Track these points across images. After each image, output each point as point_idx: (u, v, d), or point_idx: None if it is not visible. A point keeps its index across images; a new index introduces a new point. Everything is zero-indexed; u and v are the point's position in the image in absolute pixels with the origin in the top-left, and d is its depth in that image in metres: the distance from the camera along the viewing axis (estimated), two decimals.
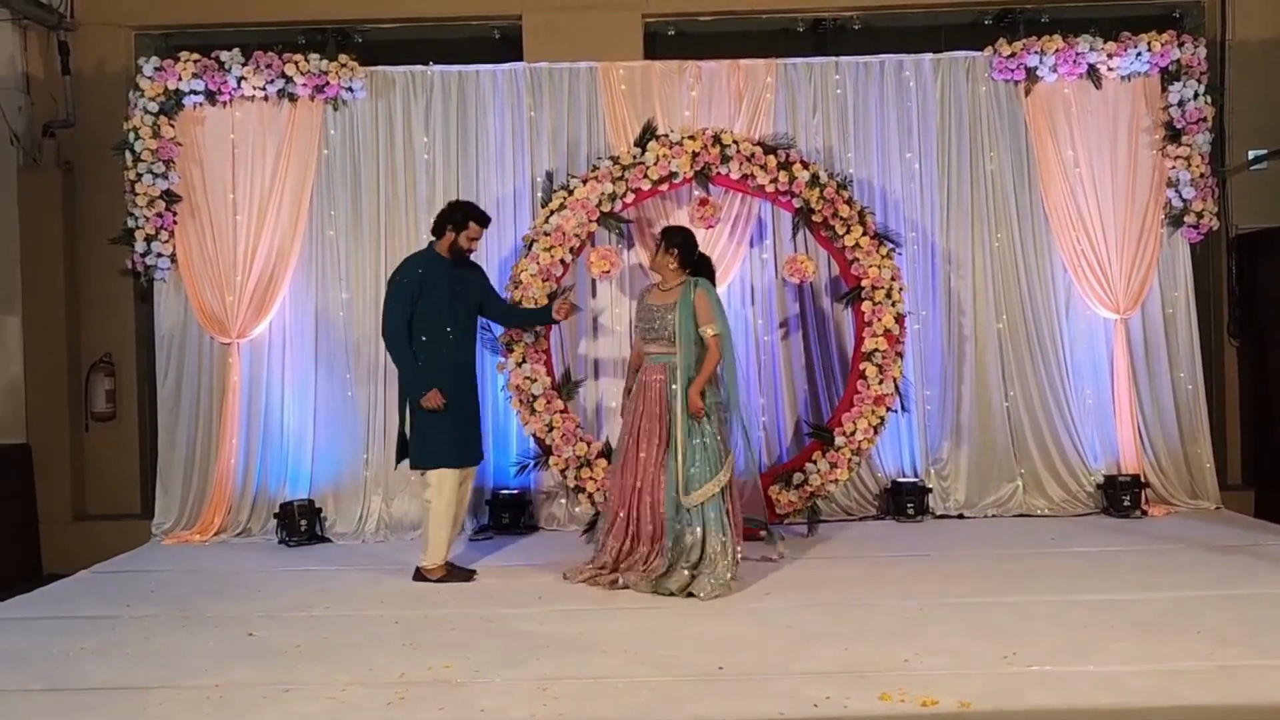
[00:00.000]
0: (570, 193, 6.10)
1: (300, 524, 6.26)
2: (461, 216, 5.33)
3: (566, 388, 6.23)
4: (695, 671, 3.78)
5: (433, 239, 5.41)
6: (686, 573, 4.86)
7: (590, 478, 5.95)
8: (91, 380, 6.82)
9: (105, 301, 6.87)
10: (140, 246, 6.48)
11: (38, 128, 6.86)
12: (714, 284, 5.30)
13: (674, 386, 5.01)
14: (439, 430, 5.19)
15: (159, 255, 6.49)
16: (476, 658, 3.98)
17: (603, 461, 5.97)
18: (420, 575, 5.24)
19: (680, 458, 4.92)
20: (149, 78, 6.45)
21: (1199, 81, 6.59)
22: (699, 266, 5.23)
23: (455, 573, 5.27)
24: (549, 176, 6.42)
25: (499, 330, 6.06)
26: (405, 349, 5.18)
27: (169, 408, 6.57)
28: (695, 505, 4.90)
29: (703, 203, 6.26)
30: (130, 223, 6.50)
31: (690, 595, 4.78)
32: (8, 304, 6.73)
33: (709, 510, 4.91)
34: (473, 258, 5.54)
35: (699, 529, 4.90)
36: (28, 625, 4.65)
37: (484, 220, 5.40)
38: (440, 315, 5.24)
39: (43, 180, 6.78)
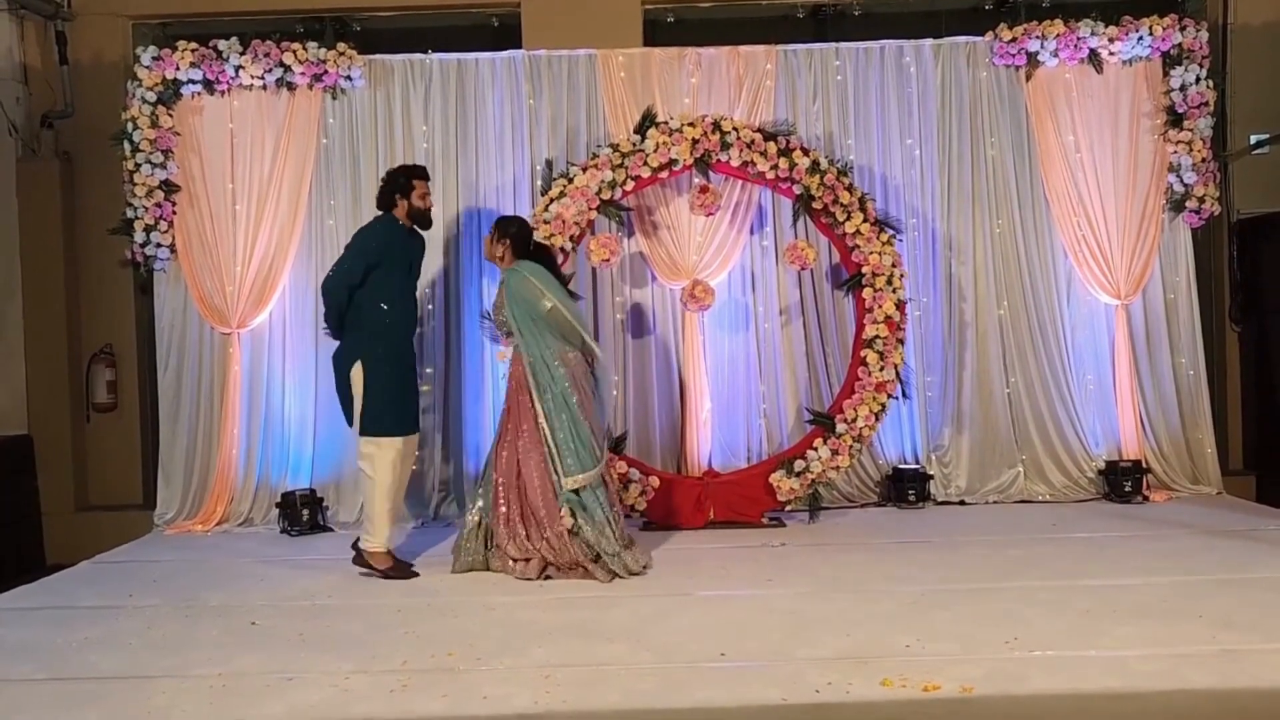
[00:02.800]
0: (570, 180, 6.08)
1: (302, 513, 6.26)
2: (404, 179, 5.27)
3: None
4: (697, 658, 3.78)
5: (382, 212, 5.31)
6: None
7: None
8: (92, 371, 6.82)
9: (105, 292, 6.87)
10: (139, 237, 6.47)
11: (36, 118, 6.85)
12: (557, 270, 5.27)
13: (532, 378, 4.99)
14: (383, 398, 5.11)
15: (158, 245, 6.48)
16: (479, 645, 3.99)
17: None
18: (361, 559, 5.12)
19: (553, 444, 4.96)
20: (147, 67, 6.43)
21: (1200, 66, 6.56)
22: (536, 257, 5.19)
23: (399, 568, 5.14)
24: (548, 164, 6.40)
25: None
26: (340, 308, 5.15)
27: (170, 398, 6.57)
28: (572, 490, 4.95)
29: (703, 190, 6.24)
30: (129, 213, 6.49)
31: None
32: (8, 295, 6.72)
33: (585, 497, 4.97)
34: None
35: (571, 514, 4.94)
36: (31, 615, 4.65)
37: (424, 173, 5.36)
38: (402, 283, 5.27)
39: (41, 171, 6.77)
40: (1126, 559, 5.06)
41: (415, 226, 5.34)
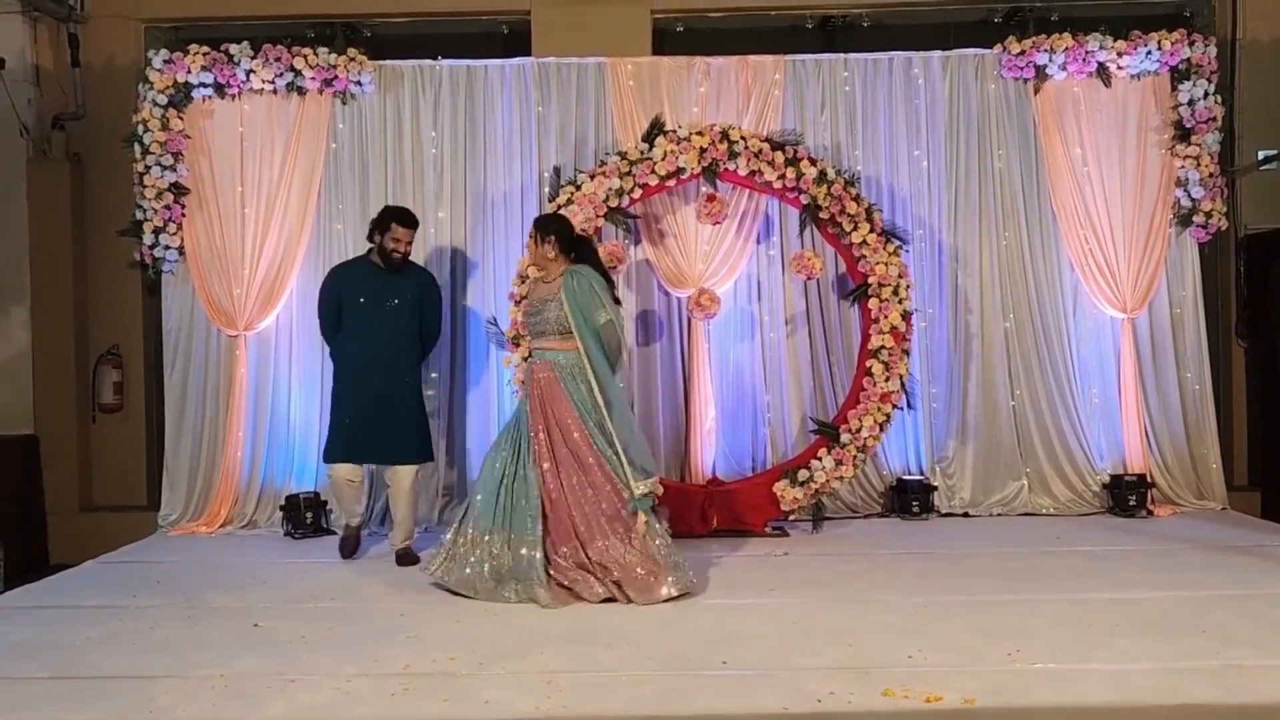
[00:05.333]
0: (577, 188, 6.09)
1: (306, 516, 6.27)
2: (385, 221, 5.51)
3: None
4: (699, 666, 3.78)
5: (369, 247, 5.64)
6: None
7: None
8: (99, 372, 6.84)
9: (113, 293, 6.89)
10: (148, 239, 6.49)
11: (47, 120, 6.88)
12: (600, 265, 4.98)
13: (572, 383, 4.73)
14: (334, 425, 5.56)
15: (167, 247, 6.51)
16: (481, 650, 3.99)
17: None
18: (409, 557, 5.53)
19: (611, 456, 4.68)
20: (158, 70, 6.46)
21: (1209, 81, 6.57)
22: (580, 250, 4.95)
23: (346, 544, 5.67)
24: (556, 171, 6.42)
25: (505, 324, 6.07)
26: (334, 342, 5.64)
27: (176, 400, 6.59)
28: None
29: (710, 199, 6.26)
30: (138, 215, 6.51)
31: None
32: (16, 295, 6.76)
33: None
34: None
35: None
36: (35, 615, 4.66)
37: (408, 221, 5.53)
38: (361, 316, 5.47)
39: (52, 172, 6.80)
40: (1130, 573, 5.04)
41: (388, 267, 5.52)
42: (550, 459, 4.75)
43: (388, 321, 5.47)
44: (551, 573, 4.68)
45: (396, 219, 5.50)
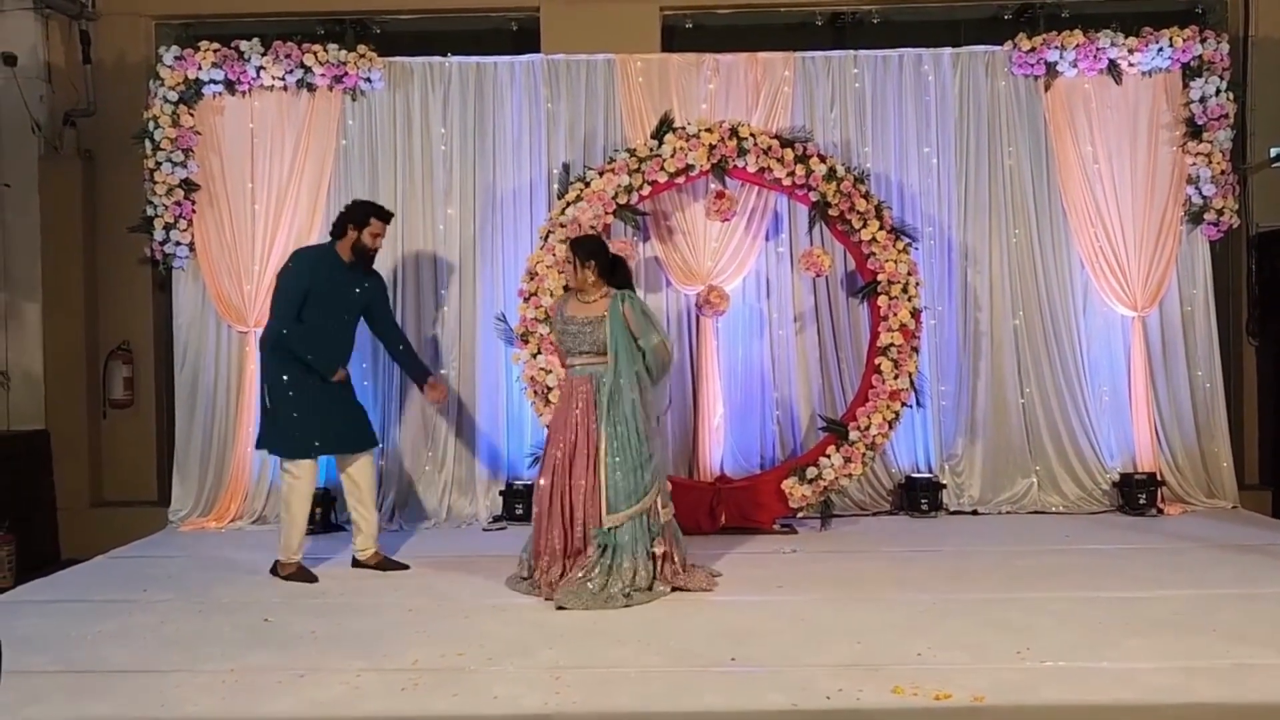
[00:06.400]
0: (586, 185, 6.10)
1: (315, 512, 6.25)
2: (362, 214, 5.19)
3: None
4: (707, 662, 3.78)
5: (331, 238, 5.26)
6: (591, 587, 4.59)
7: None
8: (109, 368, 6.87)
9: (124, 289, 6.91)
10: (159, 235, 6.52)
11: (59, 116, 6.90)
12: (631, 283, 5.04)
13: (604, 398, 4.72)
14: (295, 421, 5.08)
15: (177, 244, 6.53)
16: (489, 646, 4.00)
17: None
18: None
19: (603, 474, 4.68)
20: (169, 67, 6.48)
21: (1221, 77, 6.54)
22: (619, 271, 4.96)
23: (303, 572, 5.15)
24: (565, 168, 6.43)
25: (514, 320, 6.07)
26: (298, 338, 5.05)
27: (186, 395, 6.61)
28: (615, 526, 4.65)
29: (719, 196, 6.25)
30: (149, 211, 6.54)
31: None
32: (28, 291, 6.79)
33: (622, 534, 4.68)
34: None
35: (612, 548, 4.67)
36: (46, 608, 4.68)
37: (386, 216, 5.27)
38: (321, 316, 5.11)
39: (63, 169, 6.83)
40: (1139, 571, 5.03)
41: (358, 264, 5.23)
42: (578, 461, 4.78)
43: (349, 316, 5.29)
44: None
45: (374, 213, 5.22)
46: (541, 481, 4.84)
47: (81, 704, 3.48)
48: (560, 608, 4.51)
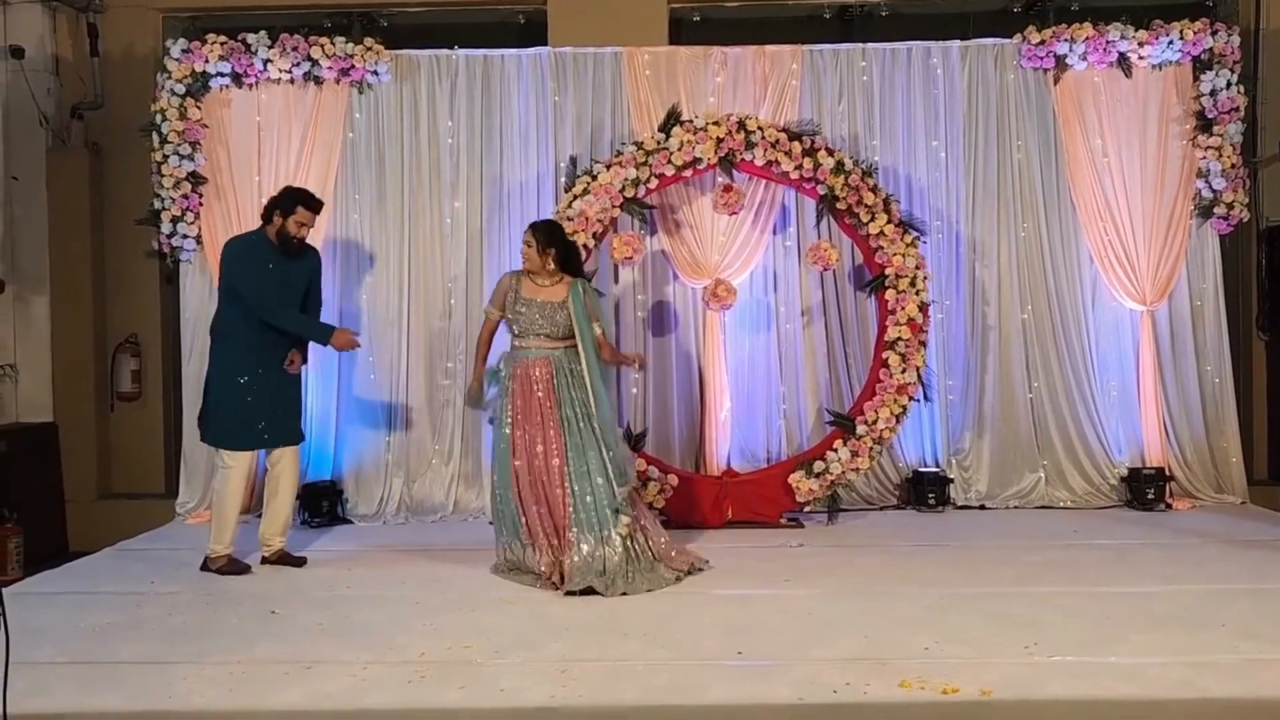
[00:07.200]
0: (594, 178, 6.09)
1: (322, 505, 6.30)
2: (290, 202, 5.16)
3: None
4: (714, 656, 3.78)
5: (261, 224, 5.26)
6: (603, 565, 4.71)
7: None
8: (117, 360, 6.88)
9: (131, 282, 6.92)
10: (166, 228, 6.52)
11: (66, 109, 6.91)
12: (583, 269, 5.24)
13: (574, 380, 4.90)
14: (232, 411, 5.08)
15: (184, 237, 6.53)
16: (496, 638, 4.00)
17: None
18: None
19: (604, 449, 4.86)
20: (176, 60, 6.47)
21: (1231, 71, 6.50)
22: (574, 259, 5.14)
23: (234, 564, 5.14)
24: (573, 161, 6.41)
25: None
26: (289, 312, 5.14)
27: (193, 388, 6.55)
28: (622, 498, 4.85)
29: (726, 189, 6.24)
30: (156, 204, 6.53)
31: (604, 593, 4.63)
32: (36, 285, 6.80)
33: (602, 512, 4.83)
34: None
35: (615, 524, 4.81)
36: (54, 600, 4.70)
37: (314, 205, 5.26)
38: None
39: (70, 161, 6.83)
40: (1148, 567, 5.02)
41: (284, 250, 5.19)
42: (545, 445, 4.92)
43: (289, 298, 5.25)
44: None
45: (303, 202, 5.18)
46: (517, 464, 4.91)
47: (89, 695, 3.49)
48: (570, 593, 4.59)
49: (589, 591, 4.59)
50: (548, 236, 5.05)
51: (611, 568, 4.69)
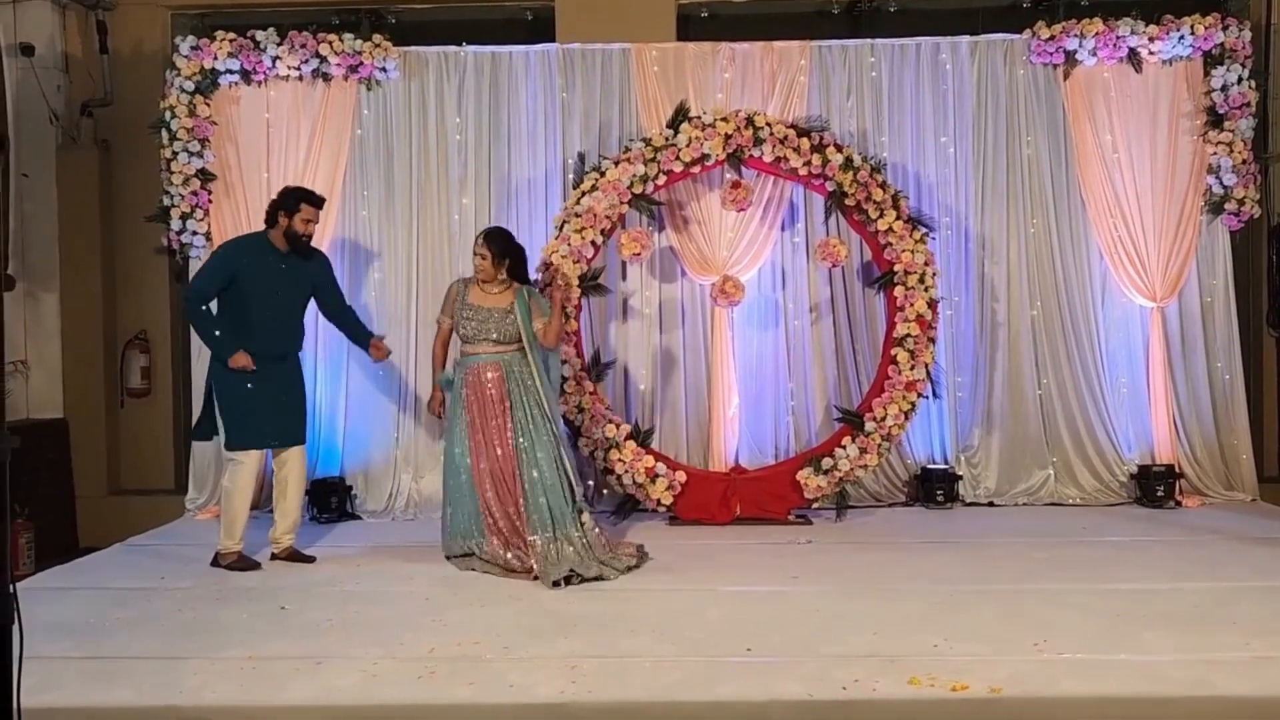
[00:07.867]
0: (602, 174, 6.08)
1: (331, 501, 6.32)
2: (293, 201, 5.20)
3: (596, 369, 6.24)
4: (723, 652, 3.78)
5: (265, 227, 5.28)
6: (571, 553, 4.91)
7: (619, 459, 5.96)
8: (127, 357, 6.90)
9: (141, 279, 6.94)
10: (175, 224, 6.53)
11: (76, 106, 6.92)
12: (528, 276, 5.40)
13: (525, 383, 5.10)
14: (241, 411, 5.12)
15: (194, 233, 6.54)
16: (505, 635, 4.01)
17: (631, 444, 5.98)
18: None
19: (560, 449, 5.09)
20: (185, 57, 6.49)
21: (1243, 66, 6.46)
22: (519, 266, 5.27)
23: (244, 561, 5.18)
24: (580, 158, 6.41)
25: None
26: (204, 316, 5.14)
27: (203, 385, 6.62)
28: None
29: (735, 185, 6.23)
30: (166, 201, 6.55)
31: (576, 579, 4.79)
32: (46, 281, 6.82)
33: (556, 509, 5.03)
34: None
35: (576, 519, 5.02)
36: (65, 595, 4.72)
37: (316, 201, 5.30)
38: (260, 306, 5.13)
39: (80, 158, 6.85)
40: (1158, 564, 5.01)
41: (295, 250, 5.23)
42: (503, 447, 5.11)
43: (290, 306, 5.30)
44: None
45: (305, 199, 5.23)
46: (482, 465, 5.07)
47: (100, 691, 3.51)
48: (555, 583, 4.71)
49: (571, 577, 4.75)
50: (501, 248, 5.19)
51: (568, 556, 4.86)
